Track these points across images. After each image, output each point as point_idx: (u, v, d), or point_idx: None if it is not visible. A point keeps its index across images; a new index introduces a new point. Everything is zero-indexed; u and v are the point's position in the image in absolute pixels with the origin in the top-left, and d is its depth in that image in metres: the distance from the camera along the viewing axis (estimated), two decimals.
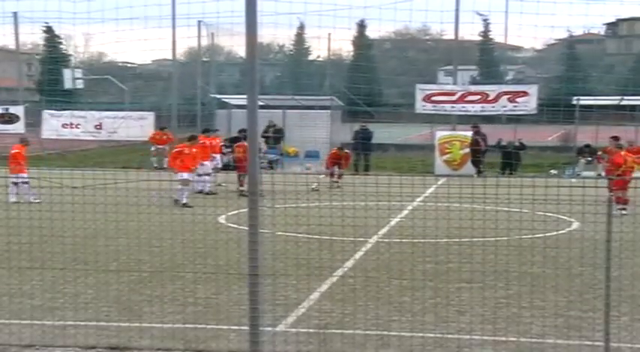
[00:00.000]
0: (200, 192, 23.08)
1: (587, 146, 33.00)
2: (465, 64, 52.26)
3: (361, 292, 11.00)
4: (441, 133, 33.68)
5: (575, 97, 33.76)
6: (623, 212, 17.79)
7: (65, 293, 10.94)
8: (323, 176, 26.13)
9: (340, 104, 38.13)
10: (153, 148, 34.16)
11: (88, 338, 9.01)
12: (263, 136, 32.98)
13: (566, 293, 10.94)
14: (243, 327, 8.84)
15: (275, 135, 35.18)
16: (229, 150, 30.02)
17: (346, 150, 28.18)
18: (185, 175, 21.23)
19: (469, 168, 32.02)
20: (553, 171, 32.32)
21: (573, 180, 26.34)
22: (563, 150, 37.16)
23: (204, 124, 39.12)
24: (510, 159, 31.77)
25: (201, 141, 25.25)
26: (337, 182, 25.68)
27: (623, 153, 21.63)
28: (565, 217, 16.04)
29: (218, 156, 27.20)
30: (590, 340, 9.00)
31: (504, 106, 33.78)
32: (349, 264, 13.36)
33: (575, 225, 16.34)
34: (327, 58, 47.63)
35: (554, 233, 15.19)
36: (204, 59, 45.13)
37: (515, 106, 33.65)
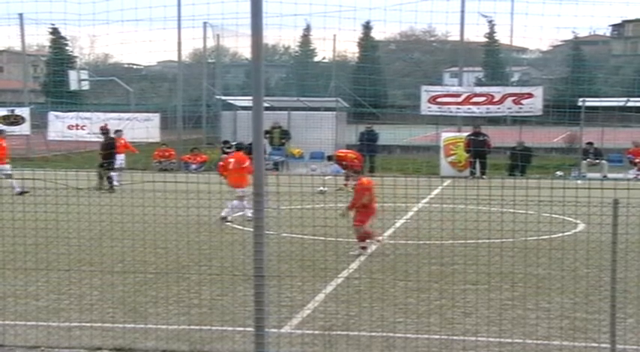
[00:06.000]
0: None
1: (590, 143, 32.94)
2: (470, 66, 52.22)
3: (366, 293, 10.99)
4: (447, 135, 33.65)
5: (581, 99, 33.70)
6: (362, 251, 14.43)
7: (70, 295, 10.95)
8: (328, 178, 26.12)
9: (345, 105, 38.12)
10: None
11: (94, 340, 9.02)
12: (266, 137, 33.08)
13: (572, 295, 10.92)
14: (248, 328, 8.84)
15: (281, 136, 35.27)
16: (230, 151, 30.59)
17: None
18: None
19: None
20: (559, 173, 32.27)
21: (579, 181, 26.32)
22: (569, 152, 37.10)
23: (209, 126, 39.23)
24: (517, 161, 31.69)
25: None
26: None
27: None
28: (571, 219, 16.02)
29: (122, 155, 29.08)
30: (596, 342, 8.99)
31: (510, 108, 33.72)
32: (354, 265, 13.36)
33: (581, 226, 16.31)
34: (333, 59, 47.60)
35: (560, 234, 15.17)
36: (210, 60, 45.16)
37: (520, 108, 33.59)
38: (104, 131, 28.08)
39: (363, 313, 10.07)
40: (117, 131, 30.32)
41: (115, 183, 25.22)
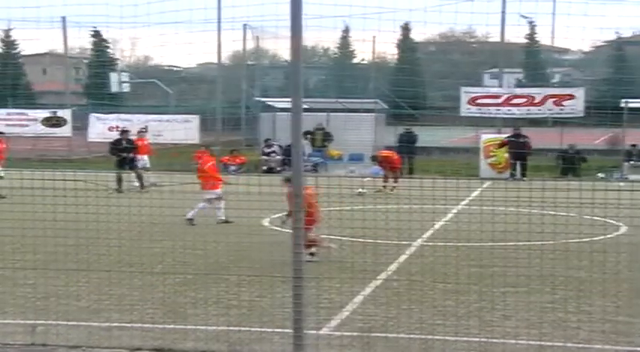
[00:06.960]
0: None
1: (634, 145, 32.54)
2: (510, 67, 51.80)
3: (405, 296, 10.95)
4: (486, 136, 33.43)
5: (624, 100, 33.27)
6: (313, 258, 13.51)
7: (111, 295, 11.03)
8: (367, 179, 26.08)
9: (384, 107, 38.02)
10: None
11: (133, 340, 9.08)
12: (307, 138, 33.15)
13: (614, 298, 10.78)
14: (286, 330, 8.84)
15: (323, 138, 35.32)
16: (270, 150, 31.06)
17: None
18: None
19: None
20: (600, 175, 31.90)
21: (621, 183, 25.98)
22: (611, 154, 36.65)
23: (248, 127, 39.38)
24: (571, 164, 31.30)
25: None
26: (394, 186, 25.68)
27: None
28: (613, 221, 15.82)
29: (146, 156, 28.61)
30: (639, 346, 8.87)
31: (550, 109, 33.44)
32: (393, 267, 13.32)
33: (623, 229, 16.10)
34: (372, 60, 47.54)
35: (602, 237, 14.98)
36: (249, 62, 45.31)
37: (561, 109, 33.30)
38: (123, 132, 28.28)
39: (401, 315, 10.02)
40: (139, 131, 30.14)
41: (146, 183, 25.41)
